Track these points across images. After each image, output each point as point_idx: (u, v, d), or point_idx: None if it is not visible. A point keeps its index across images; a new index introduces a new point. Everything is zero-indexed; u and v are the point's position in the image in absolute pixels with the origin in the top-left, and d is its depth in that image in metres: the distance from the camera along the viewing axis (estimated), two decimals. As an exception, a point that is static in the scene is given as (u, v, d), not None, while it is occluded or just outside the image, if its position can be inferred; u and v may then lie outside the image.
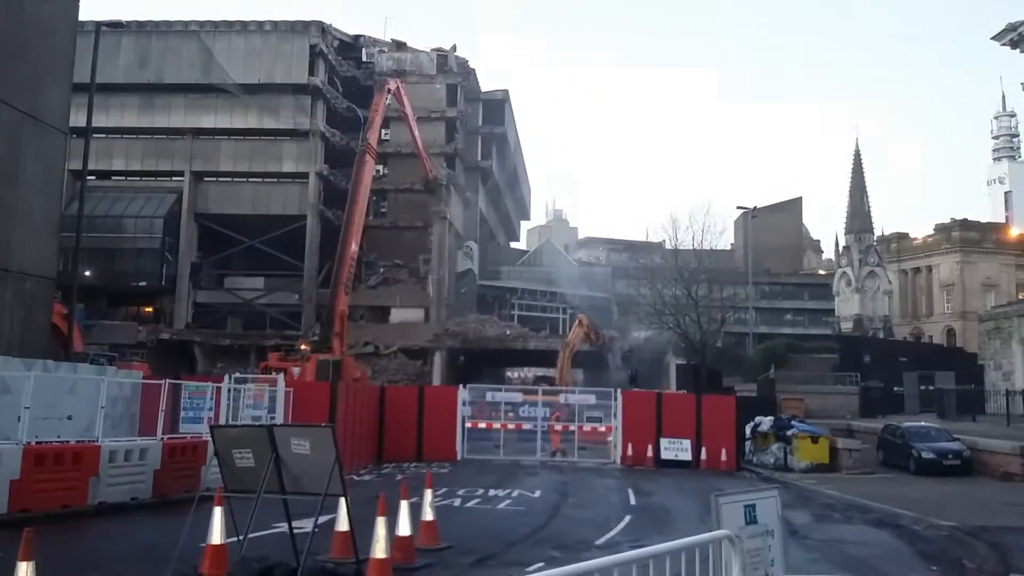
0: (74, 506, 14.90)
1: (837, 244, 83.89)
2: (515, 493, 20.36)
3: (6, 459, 13.95)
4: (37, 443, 15.02)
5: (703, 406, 30.20)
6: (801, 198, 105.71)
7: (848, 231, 79.07)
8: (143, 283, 58.01)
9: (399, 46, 68.63)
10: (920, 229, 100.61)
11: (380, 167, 58.36)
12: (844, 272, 78.97)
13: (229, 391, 21.06)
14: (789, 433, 28.00)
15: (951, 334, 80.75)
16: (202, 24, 60.82)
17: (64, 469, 14.91)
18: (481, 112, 73.19)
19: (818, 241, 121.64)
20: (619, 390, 32.02)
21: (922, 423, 30.50)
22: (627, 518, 16.68)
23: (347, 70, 65.32)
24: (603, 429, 31.41)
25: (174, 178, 60.19)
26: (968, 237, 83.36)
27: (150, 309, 60.95)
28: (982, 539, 14.12)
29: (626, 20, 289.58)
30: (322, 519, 10.17)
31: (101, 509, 15.37)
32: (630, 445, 29.50)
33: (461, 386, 32.02)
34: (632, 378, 52.91)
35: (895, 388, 46.77)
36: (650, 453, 29.34)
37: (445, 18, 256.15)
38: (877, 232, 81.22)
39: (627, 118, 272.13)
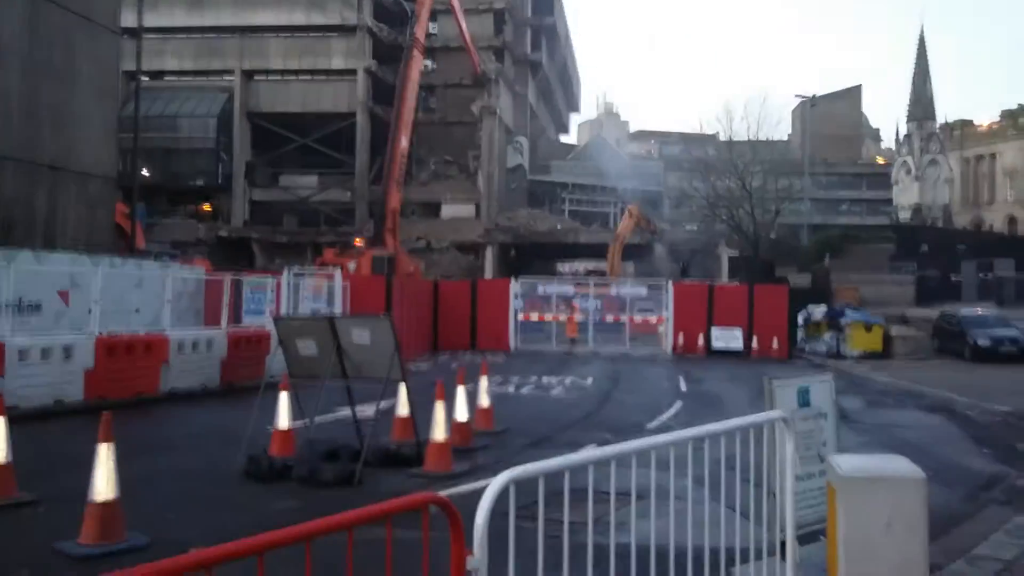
0: (147, 393, 15.57)
1: (897, 133, 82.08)
2: (568, 380, 20.77)
3: (78, 350, 14.57)
4: (108, 335, 15.64)
5: (755, 296, 30.12)
6: (860, 86, 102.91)
7: (910, 119, 77.03)
8: (200, 182, 58.80)
9: (446, -65, 66.84)
10: (985, 116, 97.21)
11: (428, 62, 57.62)
12: (904, 161, 77.31)
13: (289, 284, 21.60)
14: (842, 321, 27.97)
15: (1013, 222, 78.86)
16: (249, -81, 59.77)
17: (135, 358, 15.54)
18: (530, 3, 71.46)
19: (877, 130, 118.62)
20: (670, 281, 32.04)
21: (979, 310, 30.18)
22: (678, 403, 16.94)
23: (394, -38, 64.02)
24: (654, 320, 31.56)
25: (225, 76, 60.21)
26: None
27: (208, 207, 61.89)
28: (1035, 423, 14.17)
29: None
30: (383, 405, 10.51)
31: (173, 396, 16.08)
32: (681, 335, 29.68)
33: (513, 279, 32.30)
34: (683, 270, 52.87)
35: (952, 277, 46.06)
36: (701, 343, 29.52)
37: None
38: (940, 119, 78.90)
39: (681, 4, 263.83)
